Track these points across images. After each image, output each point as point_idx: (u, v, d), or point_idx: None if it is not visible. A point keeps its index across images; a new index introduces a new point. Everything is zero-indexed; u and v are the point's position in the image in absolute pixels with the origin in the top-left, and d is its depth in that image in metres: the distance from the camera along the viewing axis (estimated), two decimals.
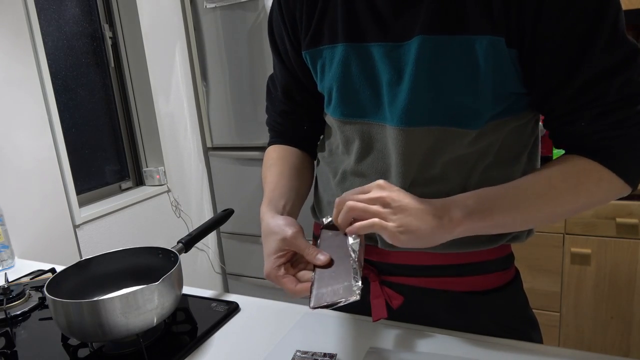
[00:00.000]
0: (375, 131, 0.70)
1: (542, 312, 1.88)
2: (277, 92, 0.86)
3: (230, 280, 2.62)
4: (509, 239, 0.72)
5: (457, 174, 0.68)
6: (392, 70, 0.66)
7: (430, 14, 0.61)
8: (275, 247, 0.69)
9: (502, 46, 0.59)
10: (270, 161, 0.85)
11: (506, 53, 0.60)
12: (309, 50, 0.74)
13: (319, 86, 0.77)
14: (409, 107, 0.64)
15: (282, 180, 0.80)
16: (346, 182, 0.76)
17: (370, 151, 0.72)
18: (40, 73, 1.65)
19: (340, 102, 0.72)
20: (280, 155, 0.85)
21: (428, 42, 0.61)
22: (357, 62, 0.69)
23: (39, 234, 1.65)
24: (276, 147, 0.88)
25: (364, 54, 0.68)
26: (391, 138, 0.68)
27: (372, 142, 0.71)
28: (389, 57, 0.66)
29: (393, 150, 0.68)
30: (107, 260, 0.89)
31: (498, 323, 0.74)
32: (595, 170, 0.62)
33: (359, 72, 0.69)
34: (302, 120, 0.85)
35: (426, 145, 0.66)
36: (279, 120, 0.87)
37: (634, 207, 1.66)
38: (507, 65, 0.61)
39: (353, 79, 0.70)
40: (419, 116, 0.65)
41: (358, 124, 0.72)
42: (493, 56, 0.60)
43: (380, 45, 0.66)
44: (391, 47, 0.65)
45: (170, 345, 0.80)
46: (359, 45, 0.68)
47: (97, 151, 2.07)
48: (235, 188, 2.42)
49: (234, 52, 2.20)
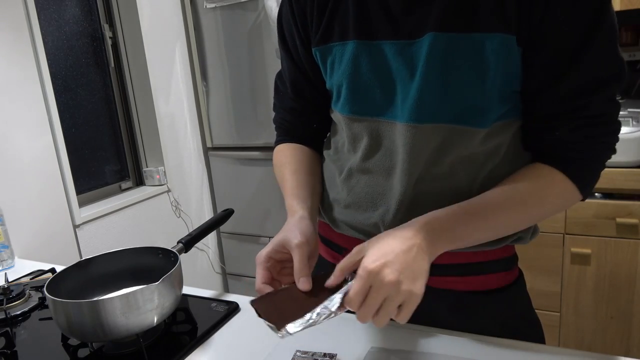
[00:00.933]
0: (384, 128, 0.70)
1: (542, 312, 1.87)
2: (286, 89, 0.85)
3: (230, 280, 2.62)
4: (513, 240, 0.72)
5: (464, 173, 0.68)
6: (404, 67, 0.66)
7: (442, 12, 0.61)
8: (279, 241, 0.68)
9: (512, 45, 0.60)
10: (283, 159, 0.85)
11: (516, 52, 0.60)
12: (319, 47, 0.74)
13: (328, 83, 0.77)
14: (419, 103, 0.65)
15: (300, 177, 0.81)
16: (352, 180, 0.76)
17: (378, 148, 0.72)
18: (40, 73, 1.65)
19: (350, 99, 0.72)
20: (292, 153, 0.85)
21: (440, 40, 0.62)
22: (368, 60, 0.69)
23: (39, 234, 1.65)
24: (285, 145, 0.87)
25: (375, 52, 0.68)
26: (400, 135, 0.68)
27: (381, 139, 0.71)
28: (402, 54, 0.66)
29: (401, 147, 0.68)
30: (107, 260, 0.89)
31: (500, 323, 0.74)
32: (560, 181, 0.65)
33: (369, 70, 0.69)
34: (311, 118, 0.85)
35: (434, 143, 0.66)
36: (287, 118, 0.87)
37: (634, 207, 1.66)
38: (516, 64, 0.61)
39: (363, 76, 0.70)
40: (428, 113, 0.65)
41: (367, 121, 0.72)
42: (503, 55, 0.60)
43: (392, 43, 0.66)
44: (403, 45, 0.65)
45: (170, 345, 0.80)
46: (370, 43, 0.68)
47: (97, 151, 2.07)
48: (235, 188, 2.42)
49: (234, 52, 2.20)
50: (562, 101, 0.62)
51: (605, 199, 1.72)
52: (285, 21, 0.80)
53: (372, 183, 0.73)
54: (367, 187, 0.74)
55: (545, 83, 0.62)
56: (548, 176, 0.65)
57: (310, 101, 0.83)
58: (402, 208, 0.70)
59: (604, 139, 0.64)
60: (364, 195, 0.74)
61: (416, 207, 0.69)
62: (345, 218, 0.78)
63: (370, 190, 0.74)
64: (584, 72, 0.60)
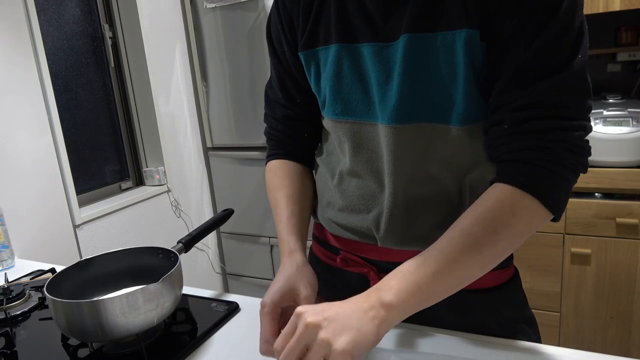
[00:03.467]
0: (366, 130, 0.71)
1: (542, 312, 1.87)
2: (276, 97, 0.86)
3: (230, 280, 2.62)
4: None
5: (452, 174, 0.69)
6: (381, 69, 0.67)
7: (413, 13, 0.63)
8: (286, 289, 0.68)
9: (476, 39, 0.61)
10: (276, 181, 0.84)
11: (479, 46, 0.61)
12: (304, 51, 0.75)
13: (314, 88, 0.78)
14: (399, 104, 0.66)
15: (294, 205, 0.81)
16: (343, 183, 0.77)
17: (361, 150, 0.73)
18: (40, 73, 1.65)
19: (332, 101, 0.74)
20: (285, 174, 0.85)
21: (413, 40, 0.63)
22: (349, 62, 0.70)
23: (39, 234, 1.65)
24: (278, 163, 0.87)
25: (356, 54, 0.70)
26: (383, 136, 0.69)
27: (362, 141, 0.72)
28: (379, 56, 0.67)
29: (385, 149, 0.69)
30: (107, 260, 0.89)
31: (497, 321, 0.75)
32: (507, 199, 0.58)
33: (350, 72, 0.70)
34: (303, 126, 0.85)
35: (417, 143, 0.67)
36: (279, 128, 0.87)
37: (634, 207, 1.66)
38: (482, 59, 0.62)
39: (345, 78, 0.71)
40: (408, 113, 0.66)
41: (349, 123, 0.73)
42: (470, 50, 0.61)
43: (370, 45, 0.68)
44: (380, 47, 0.67)
45: (170, 345, 0.80)
46: (351, 46, 0.70)
47: (97, 151, 2.07)
48: (235, 188, 2.42)
49: (234, 52, 2.20)
50: (507, 90, 0.60)
51: (605, 199, 1.72)
52: (273, 28, 0.82)
53: (362, 186, 0.75)
54: (359, 189, 0.75)
55: (497, 71, 0.61)
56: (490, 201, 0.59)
57: (301, 107, 0.84)
58: (395, 210, 0.71)
59: (554, 135, 0.57)
60: (357, 198, 0.76)
61: (408, 210, 0.71)
62: (340, 220, 0.79)
63: (361, 193, 0.75)
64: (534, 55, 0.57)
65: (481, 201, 0.61)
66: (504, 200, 0.58)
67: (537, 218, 0.59)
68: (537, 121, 0.58)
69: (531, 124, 0.59)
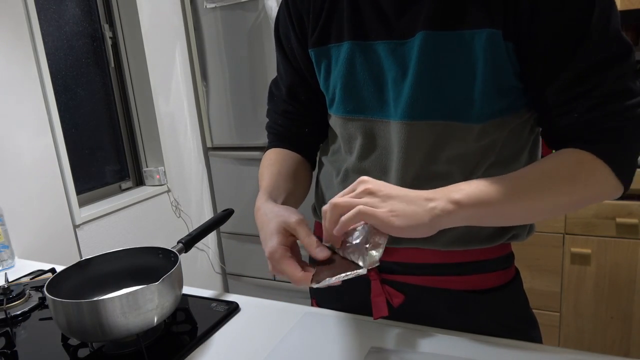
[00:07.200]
0: (378, 127, 0.71)
1: (542, 312, 1.88)
2: (280, 93, 0.86)
3: (230, 280, 2.62)
4: (509, 237, 0.73)
5: (459, 172, 0.69)
6: (397, 67, 0.67)
7: (431, 11, 0.63)
8: (277, 229, 0.65)
9: (499, 39, 0.60)
10: (267, 162, 0.85)
11: (503, 46, 0.61)
12: (314, 48, 0.75)
13: (323, 85, 0.78)
14: (413, 101, 0.66)
15: (279, 180, 0.79)
16: (348, 181, 0.77)
17: (372, 148, 0.73)
18: (40, 73, 1.65)
19: (344, 99, 0.73)
20: (279, 157, 0.85)
21: (430, 38, 0.63)
22: (362, 60, 0.70)
23: (39, 234, 1.65)
24: (275, 149, 0.87)
25: (369, 52, 0.69)
26: (394, 133, 0.69)
27: (375, 138, 0.72)
28: (394, 54, 0.67)
29: (396, 146, 0.69)
30: (107, 260, 0.89)
31: (498, 322, 0.74)
32: (588, 160, 0.61)
33: (363, 70, 0.70)
34: (304, 122, 0.85)
35: (429, 140, 0.67)
36: (280, 122, 0.87)
37: (634, 207, 1.66)
38: (504, 59, 0.62)
39: (357, 76, 0.71)
40: (422, 110, 0.66)
41: (361, 120, 0.72)
42: (491, 49, 0.61)
43: (385, 43, 0.68)
44: (395, 45, 0.67)
45: (170, 345, 0.80)
46: (364, 43, 0.70)
47: (97, 151, 2.07)
48: (235, 188, 2.42)
49: (234, 52, 2.20)
50: (571, 86, 0.60)
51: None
52: (282, 24, 0.81)
53: None
54: None
55: (549, 74, 0.61)
56: (573, 156, 0.61)
57: (304, 104, 0.84)
58: None
59: (626, 114, 0.60)
60: None
61: None
62: None
63: None
64: (589, 56, 0.58)
65: (564, 155, 0.62)
66: (585, 162, 0.61)
67: (608, 187, 0.62)
68: (608, 104, 0.60)
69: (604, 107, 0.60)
